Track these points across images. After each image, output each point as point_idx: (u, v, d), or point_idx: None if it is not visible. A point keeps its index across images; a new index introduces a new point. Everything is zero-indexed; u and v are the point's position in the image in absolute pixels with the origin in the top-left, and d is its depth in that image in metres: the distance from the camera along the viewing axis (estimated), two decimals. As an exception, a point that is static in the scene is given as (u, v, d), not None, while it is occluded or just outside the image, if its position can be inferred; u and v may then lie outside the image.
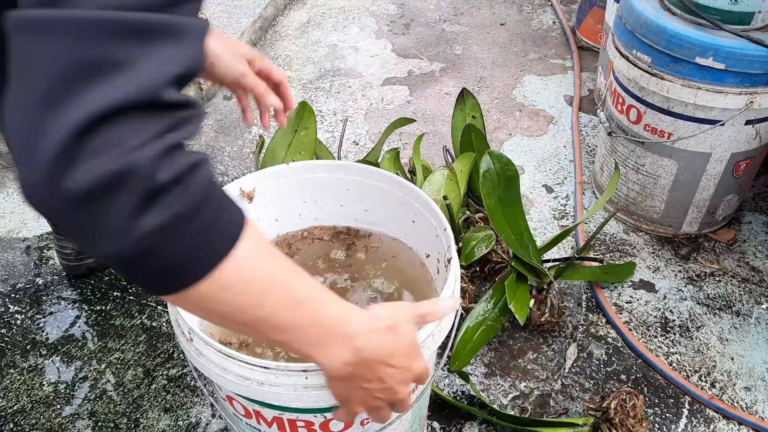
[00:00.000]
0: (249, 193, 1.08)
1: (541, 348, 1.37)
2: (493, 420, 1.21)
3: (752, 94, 1.34)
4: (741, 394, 1.29)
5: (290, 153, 1.54)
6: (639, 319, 1.43)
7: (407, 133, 1.95)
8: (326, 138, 1.92)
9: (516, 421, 1.21)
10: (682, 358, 1.36)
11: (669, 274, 1.53)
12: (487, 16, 2.57)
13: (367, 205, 1.11)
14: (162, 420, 1.25)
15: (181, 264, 0.54)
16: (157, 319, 1.42)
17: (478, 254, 1.42)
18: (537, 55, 2.32)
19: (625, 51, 1.46)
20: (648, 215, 1.61)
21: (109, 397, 1.28)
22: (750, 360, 1.35)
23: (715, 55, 1.31)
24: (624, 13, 1.47)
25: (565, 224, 1.66)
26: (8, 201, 1.72)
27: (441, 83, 2.18)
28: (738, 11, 1.34)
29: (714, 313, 1.44)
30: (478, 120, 1.66)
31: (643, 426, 1.15)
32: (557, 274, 1.39)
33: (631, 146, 1.54)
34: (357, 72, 2.23)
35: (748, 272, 1.54)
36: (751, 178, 1.57)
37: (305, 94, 2.12)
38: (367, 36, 2.43)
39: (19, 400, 1.27)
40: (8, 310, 1.44)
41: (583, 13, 2.31)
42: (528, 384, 1.31)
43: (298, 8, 2.60)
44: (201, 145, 1.90)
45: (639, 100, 1.47)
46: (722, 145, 1.43)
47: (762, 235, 1.63)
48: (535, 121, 2.02)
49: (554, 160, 1.86)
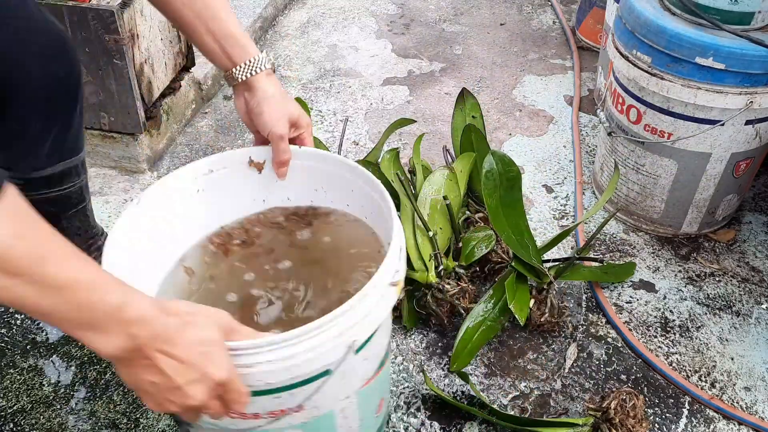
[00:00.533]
0: (258, 164, 1.08)
1: (541, 348, 1.37)
2: (493, 420, 1.21)
3: (752, 94, 1.34)
4: (741, 394, 1.29)
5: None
6: (639, 319, 1.43)
7: (407, 133, 1.95)
8: (326, 138, 1.92)
9: (516, 421, 1.21)
10: (682, 358, 1.36)
11: (669, 274, 1.53)
12: (487, 16, 2.57)
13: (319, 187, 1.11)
14: (162, 420, 1.25)
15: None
16: (157, 319, 1.42)
17: (478, 254, 1.42)
18: (537, 55, 2.32)
19: (625, 51, 1.46)
20: (648, 215, 1.61)
21: (109, 397, 1.28)
22: (750, 360, 1.35)
23: (715, 55, 1.31)
24: (624, 13, 1.47)
25: (565, 224, 1.66)
26: (8, 201, 1.72)
27: (441, 83, 2.18)
28: (738, 11, 1.34)
29: (714, 313, 1.45)
30: (478, 120, 1.66)
31: (643, 426, 1.15)
32: (557, 274, 1.39)
33: (631, 146, 1.54)
34: (357, 72, 2.23)
35: (748, 272, 1.54)
36: (751, 178, 1.57)
37: (305, 93, 2.12)
38: (367, 36, 2.43)
39: (19, 400, 1.27)
40: (8, 310, 1.44)
41: (583, 13, 2.31)
42: (528, 384, 1.31)
43: (298, 8, 2.60)
44: (201, 145, 1.90)
45: (639, 100, 1.47)
46: (722, 145, 1.43)
47: (762, 235, 1.63)
48: (535, 121, 2.02)
49: (554, 160, 1.86)
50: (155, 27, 1.71)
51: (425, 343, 1.38)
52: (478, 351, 1.32)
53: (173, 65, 1.84)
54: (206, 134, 1.95)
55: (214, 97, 2.10)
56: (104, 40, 1.58)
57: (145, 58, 1.68)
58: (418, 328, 1.41)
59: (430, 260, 1.37)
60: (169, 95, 1.85)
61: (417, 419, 1.25)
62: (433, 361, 1.35)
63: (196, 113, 2.02)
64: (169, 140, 1.89)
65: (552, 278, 1.37)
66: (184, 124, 1.96)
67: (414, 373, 1.33)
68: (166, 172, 1.80)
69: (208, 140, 1.92)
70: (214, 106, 2.06)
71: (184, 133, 1.95)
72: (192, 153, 1.87)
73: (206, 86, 2.04)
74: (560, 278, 1.40)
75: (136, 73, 1.65)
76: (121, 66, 1.61)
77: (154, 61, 1.73)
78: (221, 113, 2.04)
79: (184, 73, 1.91)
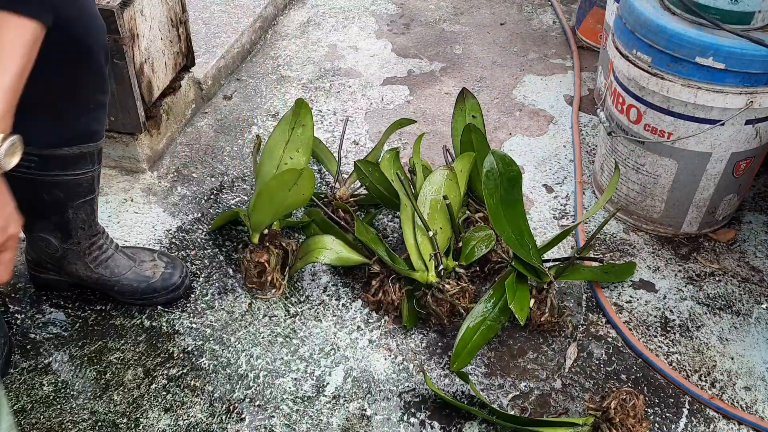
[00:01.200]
0: None
1: (541, 348, 1.37)
2: (493, 419, 1.21)
3: (752, 94, 1.34)
4: (741, 394, 1.29)
5: (287, 150, 1.54)
6: (639, 318, 1.43)
7: (407, 133, 1.95)
8: (326, 138, 1.92)
9: (516, 421, 1.21)
10: (682, 357, 1.36)
11: (669, 273, 1.53)
12: (487, 16, 2.57)
13: None
14: (162, 420, 1.25)
15: None
16: (157, 319, 1.42)
17: (478, 254, 1.42)
18: (537, 54, 2.32)
19: (625, 51, 1.46)
20: (648, 215, 1.61)
21: (109, 397, 1.28)
22: (750, 360, 1.35)
23: (715, 55, 1.31)
24: (624, 13, 1.47)
25: (565, 224, 1.66)
26: (8, 201, 1.72)
27: (441, 83, 2.18)
28: (738, 11, 1.34)
29: (714, 313, 1.45)
30: (478, 120, 1.66)
31: (643, 426, 1.15)
32: (557, 273, 1.39)
33: (631, 146, 1.54)
34: (357, 72, 2.23)
35: (748, 272, 1.54)
36: (751, 177, 1.57)
37: (305, 93, 2.12)
38: (367, 36, 2.43)
39: (19, 400, 1.27)
40: (8, 310, 1.44)
41: (583, 12, 2.31)
42: (528, 384, 1.31)
43: (298, 8, 2.60)
44: (201, 145, 1.90)
45: (639, 99, 1.47)
46: (722, 144, 1.43)
47: (762, 234, 1.63)
48: (535, 120, 2.02)
49: (554, 160, 1.86)
50: (155, 27, 1.71)
51: (425, 343, 1.38)
52: (478, 351, 1.32)
53: (173, 65, 1.84)
54: (206, 134, 1.95)
55: (214, 96, 2.10)
56: (104, 39, 1.58)
57: (145, 58, 1.68)
58: (418, 327, 1.41)
59: (430, 260, 1.37)
60: (169, 95, 1.85)
61: (417, 419, 1.25)
62: (433, 360, 1.35)
63: (196, 113, 2.02)
64: (169, 140, 1.89)
65: (552, 278, 1.37)
66: (184, 123, 1.96)
67: (414, 372, 1.33)
68: (166, 172, 1.80)
69: (208, 140, 1.92)
70: (215, 106, 2.06)
71: (184, 132, 1.95)
72: (192, 153, 1.88)
73: (206, 86, 2.04)
74: (560, 278, 1.40)
75: (136, 73, 1.65)
76: (121, 66, 1.61)
77: (154, 60, 1.73)
78: (221, 113, 2.04)
79: (185, 72, 1.91)
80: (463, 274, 1.39)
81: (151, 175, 1.79)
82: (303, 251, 1.49)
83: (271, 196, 1.39)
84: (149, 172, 1.80)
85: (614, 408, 1.15)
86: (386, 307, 1.42)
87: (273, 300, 1.47)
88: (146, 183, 1.77)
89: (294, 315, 1.44)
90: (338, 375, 1.32)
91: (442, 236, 1.42)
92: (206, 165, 1.83)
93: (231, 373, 1.33)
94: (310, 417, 1.25)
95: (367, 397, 1.28)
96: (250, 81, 2.18)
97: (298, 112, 1.56)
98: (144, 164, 1.78)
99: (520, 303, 1.31)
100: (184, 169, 1.82)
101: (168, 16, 1.76)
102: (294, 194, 1.39)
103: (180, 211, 1.69)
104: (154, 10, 1.69)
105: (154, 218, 1.66)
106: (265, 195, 1.39)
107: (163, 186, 1.76)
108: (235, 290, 1.49)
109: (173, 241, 1.60)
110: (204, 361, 1.35)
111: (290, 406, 1.27)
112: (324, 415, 1.26)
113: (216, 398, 1.28)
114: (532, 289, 1.37)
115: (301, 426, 1.24)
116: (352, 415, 1.26)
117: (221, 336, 1.39)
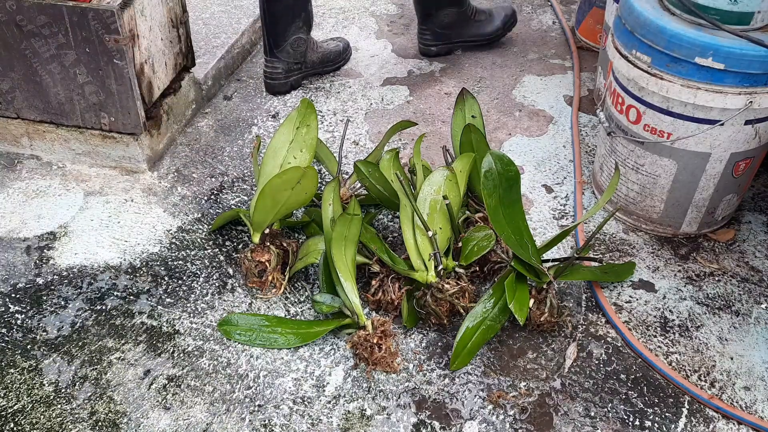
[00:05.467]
0: None
1: (540, 347, 1.38)
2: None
3: (752, 94, 1.34)
4: (740, 394, 1.29)
5: (291, 150, 1.54)
6: (638, 318, 1.43)
7: (407, 133, 1.95)
8: (326, 138, 1.92)
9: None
10: (682, 357, 1.36)
11: (668, 273, 1.53)
12: (486, 16, 2.57)
13: None
14: (162, 420, 1.25)
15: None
16: (157, 319, 1.43)
17: (478, 254, 1.42)
18: (537, 55, 2.33)
19: (625, 51, 1.46)
20: (647, 215, 1.61)
21: (109, 397, 1.28)
22: (749, 360, 1.35)
23: (715, 55, 1.31)
24: (623, 13, 1.47)
25: (564, 224, 1.66)
26: (8, 201, 1.72)
27: (441, 83, 2.19)
28: (737, 11, 1.34)
29: (713, 313, 1.45)
30: (478, 120, 1.66)
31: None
32: (557, 273, 1.40)
33: (631, 146, 1.54)
34: (357, 72, 2.23)
35: (747, 272, 1.54)
36: (750, 178, 1.57)
37: (305, 93, 2.12)
38: (367, 36, 2.43)
39: (20, 400, 1.28)
40: (8, 310, 1.44)
41: (583, 13, 2.31)
42: (528, 383, 1.31)
43: (298, 8, 2.60)
44: (201, 145, 1.90)
45: (638, 100, 1.48)
46: (721, 145, 1.44)
47: (761, 234, 1.63)
48: (535, 121, 2.02)
49: (554, 160, 1.86)
50: (155, 27, 1.71)
51: (425, 343, 1.38)
52: (477, 351, 1.32)
53: (173, 65, 1.84)
54: (206, 134, 1.95)
55: (214, 97, 2.10)
56: (104, 40, 1.58)
57: (145, 58, 1.69)
58: (418, 327, 1.41)
59: (429, 260, 1.37)
60: (170, 95, 1.85)
61: (417, 419, 1.25)
62: (432, 360, 1.35)
63: (196, 113, 2.02)
64: (170, 140, 1.89)
65: (552, 278, 1.37)
66: (184, 124, 1.96)
67: (414, 372, 1.33)
68: (167, 173, 1.80)
69: (208, 140, 1.93)
70: (215, 106, 2.06)
71: (184, 133, 1.95)
72: (192, 153, 1.88)
73: (206, 86, 2.05)
74: (560, 278, 1.40)
75: (136, 73, 1.65)
76: (121, 66, 1.61)
77: (155, 61, 1.74)
78: (222, 113, 2.04)
79: (185, 73, 1.91)
80: (463, 274, 1.39)
81: (152, 175, 1.79)
82: (303, 252, 1.49)
83: (274, 195, 1.39)
84: (149, 173, 1.80)
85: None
86: (386, 307, 1.42)
87: (273, 300, 1.47)
88: (146, 183, 1.77)
89: (294, 315, 1.44)
90: (338, 375, 1.33)
91: (441, 236, 1.43)
92: (206, 165, 1.84)
93: (231, 373, 1.33)
94: (310, 417, 1.25)
95: (367, 397, 1.29)
96: (250, 81, 2.18)
97: (303, 112, 1.56)
98: (144, 164, 1.79)
99: (520, 303, 1.31)
100: (185, 170, 1.82)
101: (168, 16, 1.76)
102: (297, 193, 1.40)
103: (180, 212, 1.69)
104: (154, 10, 1.69)
105: (155, 218, 1.67)
106: (268, 193, 1.39)
107: (163, 186, 1.76)
108: (235, 290, 1.49)
109: (173, 241, 1.61)
110: (204, 361, 1.35)
111: (290, 406, 1.27)
112: (324, 415, 1.26)
113: (216, 398, 1.28)
114: (532, 289, 1.38)
115: (301, 426, 1.24)
116: (352, 415, 1.26)
117: (221, 336, 1.39)
